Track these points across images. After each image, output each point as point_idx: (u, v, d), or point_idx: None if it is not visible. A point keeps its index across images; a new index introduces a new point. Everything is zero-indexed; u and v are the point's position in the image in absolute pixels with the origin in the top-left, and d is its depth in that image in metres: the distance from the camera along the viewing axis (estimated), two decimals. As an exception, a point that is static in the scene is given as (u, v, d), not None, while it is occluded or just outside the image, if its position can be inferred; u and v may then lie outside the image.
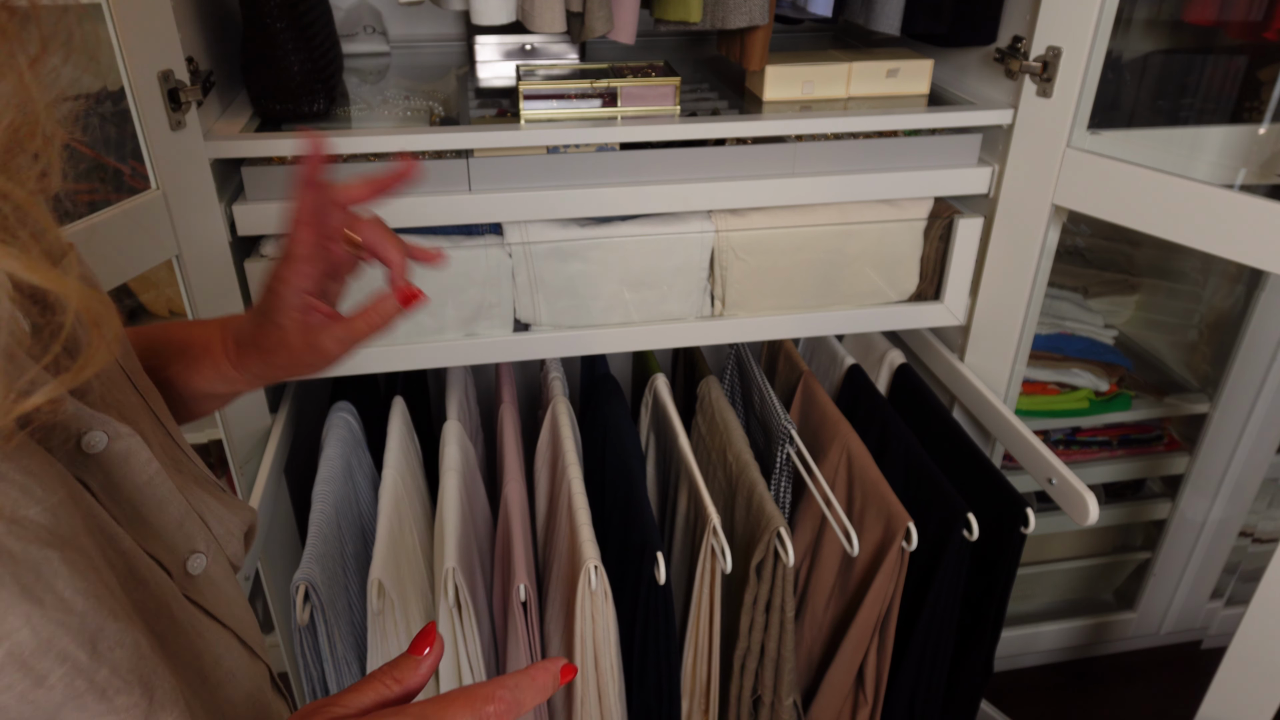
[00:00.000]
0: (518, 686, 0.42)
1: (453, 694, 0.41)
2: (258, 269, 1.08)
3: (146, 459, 0.46)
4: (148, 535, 0.46)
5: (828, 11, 1.13)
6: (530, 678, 0.43)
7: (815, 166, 1.15)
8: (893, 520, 1.10)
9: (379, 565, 0.96)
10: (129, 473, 0.45)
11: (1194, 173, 0.98)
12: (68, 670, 0.36)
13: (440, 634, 0.46)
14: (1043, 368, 1.57)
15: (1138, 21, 1.44)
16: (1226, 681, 1.07)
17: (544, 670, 0.44)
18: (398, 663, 0.44)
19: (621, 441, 1.22)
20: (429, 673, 0.44)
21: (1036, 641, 1.77)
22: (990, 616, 1.22)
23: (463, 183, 1.08)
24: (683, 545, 1.22)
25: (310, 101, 1.08)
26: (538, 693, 0.43)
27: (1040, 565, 1.78)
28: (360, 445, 1.23)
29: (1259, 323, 1.49)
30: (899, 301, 1.29)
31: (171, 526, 0.47)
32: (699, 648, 1.14)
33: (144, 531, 0.46)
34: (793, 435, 1.21)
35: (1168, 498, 1.71)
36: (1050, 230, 1.15)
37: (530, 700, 0.43)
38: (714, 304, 1.24)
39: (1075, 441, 1.68)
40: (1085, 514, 1.07)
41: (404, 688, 0.43)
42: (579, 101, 1.09)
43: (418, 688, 0.44)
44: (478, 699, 0.41)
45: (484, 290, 1.15)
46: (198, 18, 1.04)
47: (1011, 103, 1.13)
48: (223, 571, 0.51)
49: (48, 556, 0.37)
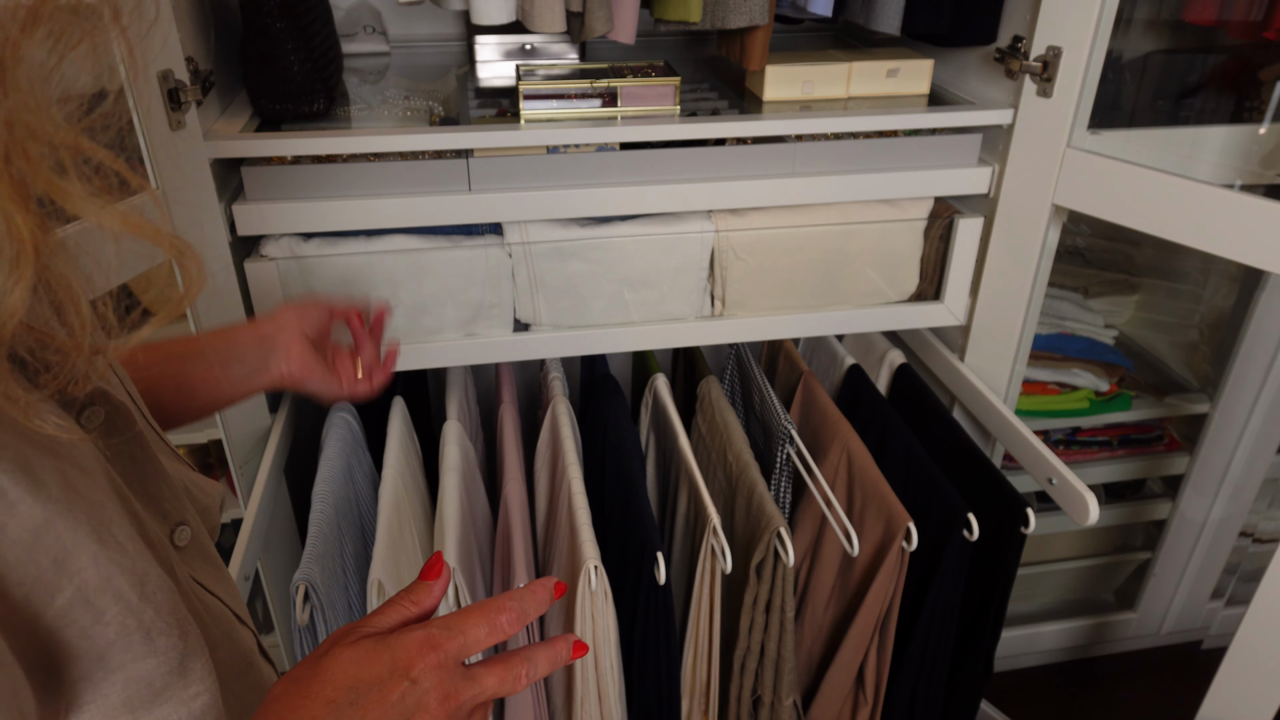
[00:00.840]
0: (523, 599, 0.48)
1: (468, 608, 0.47)
2: (257, 269, 1.08)
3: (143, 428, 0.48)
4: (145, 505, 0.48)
5: (828, 11, 1.13)
6: (531, 591, 0.49)
7: (815, 166, 1.15)
8: (893, 520, 1.10)
9: (379, 565, 0.96)
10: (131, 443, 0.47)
11: (1194, 173, 0.98)
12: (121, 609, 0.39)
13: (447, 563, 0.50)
14: (1043, 368, 1.57)
15: (1138, 21, 1.44)
16: (1227, 682, 1.07)
17: (541, 586, 0.49)
18: (413, 588, 0.48)
19: (621, 441, 1.22)
20: (440, 596, 0.49)
21: (1037, 641, 1.77)
22: (990, 617, 1.21)
23: (463, 183, 1.08)
24: (683, 545, 1.22)
25: (310, 101, 1.08)
26: (539, 605, 0.49)
27: (1041, 565, 1.78)
28: (360, 445, 1.23)
29: (1259, 323, 1.49)
30: (899, 301, 1.29)
31: (168, 496, 0.50)
32: (699, 648, 1.14)
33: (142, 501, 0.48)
34: (793, 435, 1.21)
35: (1168, 498, 1.71)
36: (1050, 230, 1.15)
37: (534, 611, 0.48)
38: (714, 304, 1.24)
39: (1075, 441, 1.68)
40: (1085, 514, 1.07)
41: (421, 609, 0.48)
42: (579, 101, 1.09)
43: (432, 609, 0.48)
44: (491, 609, 0.46)
45: (484, 290, 1.15)
46: (198, 18, 1.04)
47: (1011, 103, 1.13)
48: (205, 542, 0.53)
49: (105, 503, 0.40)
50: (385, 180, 1.07)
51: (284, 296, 1.10)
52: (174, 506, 0.50)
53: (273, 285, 1.09)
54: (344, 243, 1.09)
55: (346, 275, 1.11)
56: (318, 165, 1.05)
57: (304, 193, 1.06)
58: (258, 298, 1.10)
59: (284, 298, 1.10)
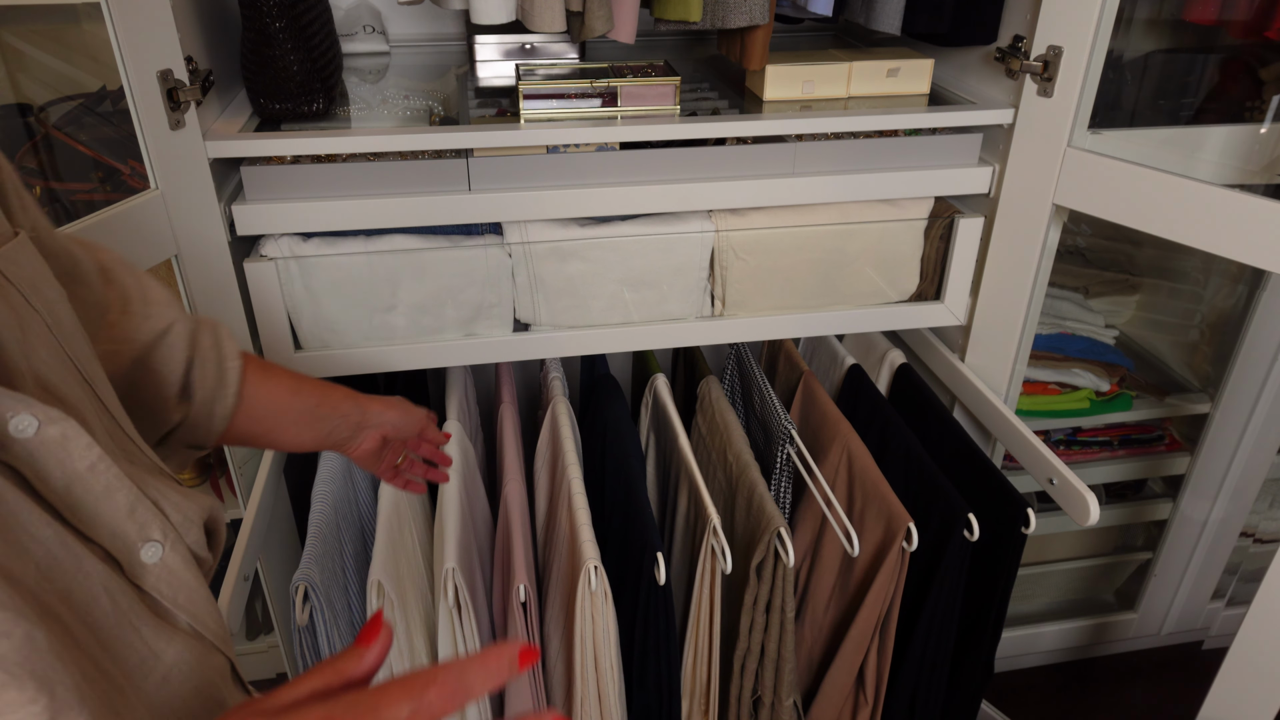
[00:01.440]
0: (464, 671, 0.40)
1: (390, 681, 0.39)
2: (257, 269, 1.08)
3: (86, 444, 0.44)
4: (90, 523, 0.45)
5: (828, 11, 1.13)
6: (480, 661, 0.40)
7: (815, 166, 1.15)
8: (893, 520, 1.10)
9: (378, 566, 0.96)
10: (66, 459, 0.43)
11: (1195, 172, 0.98)
12: None
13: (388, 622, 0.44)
14: (1043, 368, 1.57)
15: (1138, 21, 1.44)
16: (1227, 682, 1.06)
17: (497, 653, 0.41)
18: (342, 654, 0.42)
19: (621, 441, 1.22)
20: (375, 663, 0.43)
21: (1037, 642, 1.77)
22: (991, 617, 1.21)
23: (462, 182, 1.08)
24: (683, 545, 1.22)
25: (309, 101, 1.08)
26: (489, 677, 0.40)
27: (1041, 565, 1.78)
28: (360, 445, 1.23)
29: (1260, 323, 1.49)
30: (899, 301, 1.29)
31: (120, 514, 0.46)
32: (699, 648, 1.14)
33: (85, 519, 0.44)
34: (793, 435, 1.21)
35: (1169, 498, 1.71)
36: (1051, 230, 1.15)
37: (480, 685, 0.40)
38: (714, 304, 1.24)
39: (1076, 442, 1.68)
40: (1086, 514, 1.07)
41: (344, 679, 0.42)
42: (579, 101, 1.09)
43: (363, 678, 0.42)
44: (417, 684, 0.38)
45: (484, 290, 1.15)
46: (197, 18, 1.04)
47: (1012, 102, 1.13)
48: (182, 560, 0.49)
49: None
50: (385, 180, 1.06)
51: (283, 296, 1.10)
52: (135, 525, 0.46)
53: (272, 285, 1.09)
54: (344, 242, 1.09)
55: (346, 275, 1.11)
56: (317, 165, 1.05)
57: (303, 193, 1.05)
58: (257, 297, 1.09)
59: (283, 298, 1.10)
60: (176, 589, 0.48)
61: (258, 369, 0.73)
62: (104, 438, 0.47)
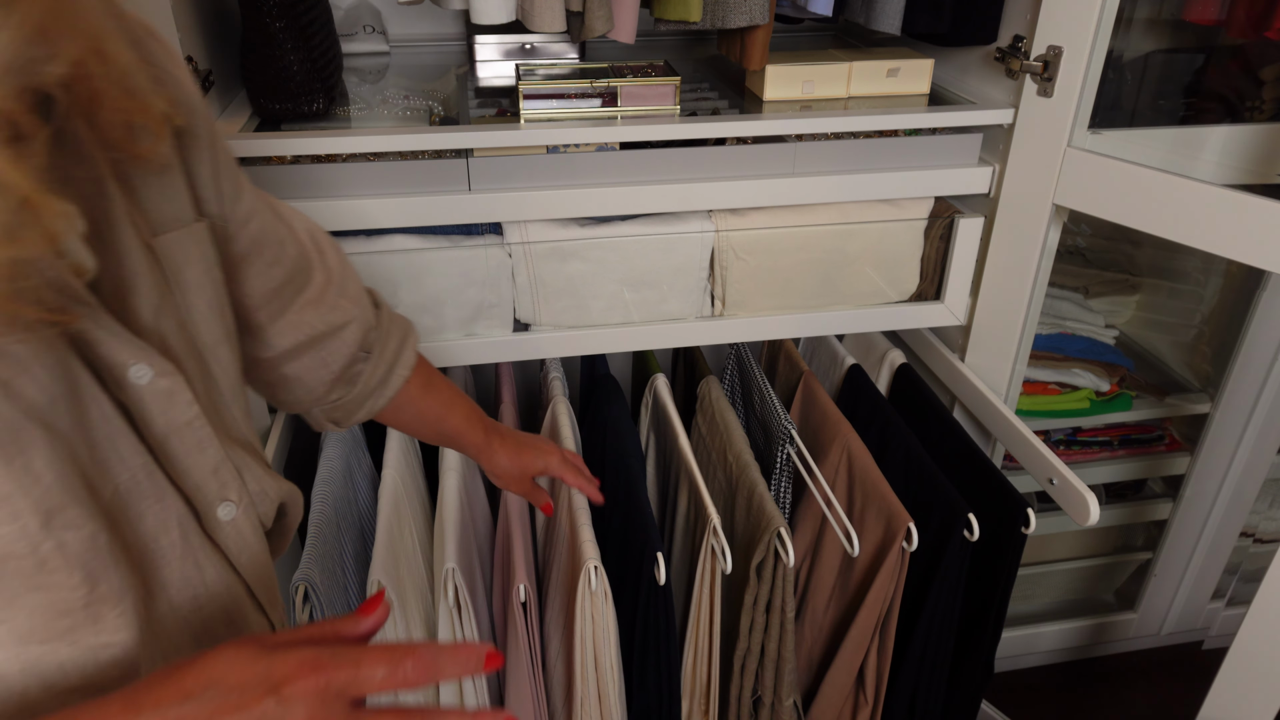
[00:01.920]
0: (439, 654, 0.44)
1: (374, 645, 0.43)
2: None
3: (188, 400, 0.48)
4: (179, 471, 0.49)
5: (828, 11, 1.13)
6: (453, 651, 0.45)
7: (815, 166, 1.15)
8: (893, 520, 1.10)
9: (378, 566, 0.96)
10: (170, 408, 0.48)
11: (1195, 172, 0.98)
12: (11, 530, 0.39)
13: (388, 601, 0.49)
14: (1043, 368, 1.57)
15: (1138, 21, 1.44)
16: (1228, 682, 1.06)
17: (469, 649, 0.45)
18: (341, 617, 0.47)
19: (621, 441, 1.22)
20: (369, 631, 0.47)
21: (1037, 642, 1.77)
22: (991, 617, 1.21)
23: (462, 182, 1.08)
24: (683, 545, 1.22)
25: (309, 101, 1.08)
26: (459, 666, 0.45)
27: (1041, 565, 1.78)
28: (360, 446, 1.23)
29: (1260, 323, 1.49)
30: (899, 301, 1.29)
31: (206, 470, 0.50)
32: (699, 648, 1.14)
33: (175, 466, 0.49)
34: (793, 435, 1.21)
35: (1169, 498, 1.71)
36: (1051, 230, 1.15)
37: (450, 670, 0.44)
38: (714, 304, 1.24)
39: (1076, 441, 1.68)
40: (1086, 514, 1.07)
41: (338, 637, 0.46)
42: (579, 101, 1.09)
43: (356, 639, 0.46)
44: (397, 654, 0.43)
45: (484, 290, 1.15)
46: (197, 18, 1.04)
47: (1012, 102, 1.13)
48: (252, 527, 0.54)
49: (29, 426, 0.39)
50: (385, 180, 1.06)
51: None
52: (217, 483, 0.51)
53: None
54: (344, 242, 1.09)
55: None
56: (317, 165, 1.05)
57: (303, 192, 1.05)
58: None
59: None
60: (242, 549, 0.53)
61: (421, 384, 0.81)
62: (207, 406, 0.51)
